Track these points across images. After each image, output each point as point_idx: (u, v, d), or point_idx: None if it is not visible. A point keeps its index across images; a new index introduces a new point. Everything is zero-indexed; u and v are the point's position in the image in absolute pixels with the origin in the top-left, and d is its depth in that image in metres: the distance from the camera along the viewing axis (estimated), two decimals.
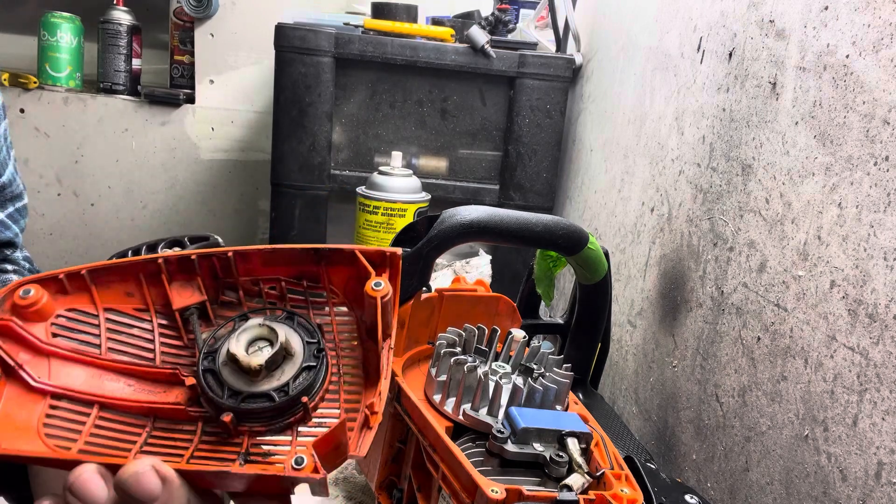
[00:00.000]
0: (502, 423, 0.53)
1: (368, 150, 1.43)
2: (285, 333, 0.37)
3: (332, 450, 0.34)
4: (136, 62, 1.88)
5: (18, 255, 0.73)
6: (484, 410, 0.55)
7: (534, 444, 0.52)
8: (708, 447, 0.81)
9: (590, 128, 1.40)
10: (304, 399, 0.36)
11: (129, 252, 0.45)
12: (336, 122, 1.40)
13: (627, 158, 1.17)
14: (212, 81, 1.83)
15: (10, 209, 0.70)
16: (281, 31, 1.33)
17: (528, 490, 0.47)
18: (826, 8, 0.67)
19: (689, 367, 0.87)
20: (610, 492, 0.49)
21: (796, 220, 0.69)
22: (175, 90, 1.87)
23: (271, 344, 0.36)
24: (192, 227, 1.93)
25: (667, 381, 0.93)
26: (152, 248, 0.45)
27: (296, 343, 0.37)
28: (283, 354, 0.36)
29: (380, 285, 0.37)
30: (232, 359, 0.36)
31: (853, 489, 0.58)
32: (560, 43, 1.53)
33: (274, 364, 0.36)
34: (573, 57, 1.44)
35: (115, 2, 1.84)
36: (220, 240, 0.46)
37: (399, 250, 0.39)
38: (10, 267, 0.70)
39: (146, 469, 0.31)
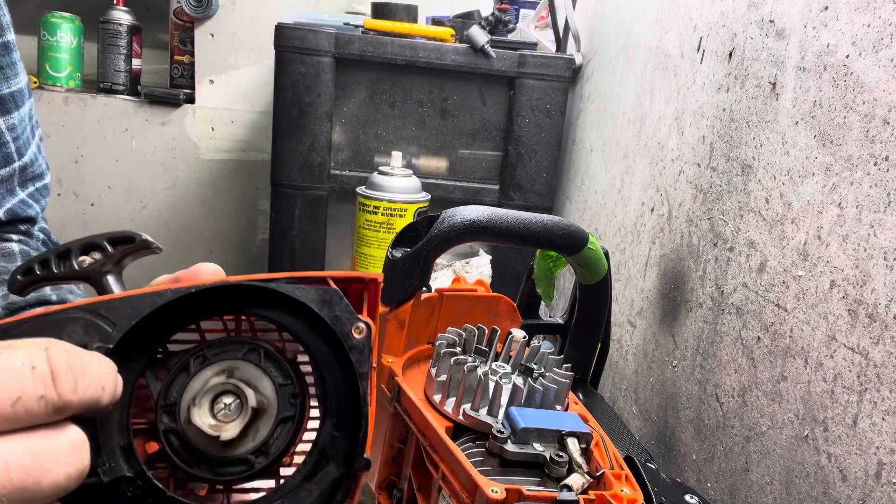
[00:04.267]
0: (502, 423, 0.53)
1: (368, 150, 1.43)
2: (253, 390, 0.31)
3: None
4: (136, 62, 1.88)
5: (34, 227, 0.73)
6: (484, 410, 0.55)
7: (534, 444, 0.52)
8: (708, 447, 0.81)
9: (590, 128, 1.40)
10: (286, 460, 0.32)
11: (36, 265, 0.36)
12: (336, 122, 1.40)
13: (627, 158, 1.17)
14: (212, 81, 1.83)
15: (31, 188, 0.70)
16: (281, 31, 1.33)
17: (528, 490, 0.47)
18: (826, 8, 0.67)
19: (689, 367, 0.87)
20: (610, 492, 0.49)
21: (796, 220, 0.69)
22: (175, 90, 1.87)
23: (238, 398, 0.31)
24: (192, 227, 1.93)
25: (667, 381, 0.93)
26: (63, 255, 0.36)
27: (267, 390, 0.32)
28: (257, 413, 0.31)
29: (361, 330, 0.32)
30: (199, 432, 0.31)
31: (853, 489, 0.58)
32: (560, 43, 1.53)
33: (247, 425, 0.31)
34: (573, 57, 1.44)
35: (115, 2, 1.84)
36: (147, 238, 0.37)
37: (379, 276, 0.34)
38: (15, 237, 0.69)
39: None
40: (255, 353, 0.32)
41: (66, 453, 0.25)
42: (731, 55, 0.84)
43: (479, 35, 1.36)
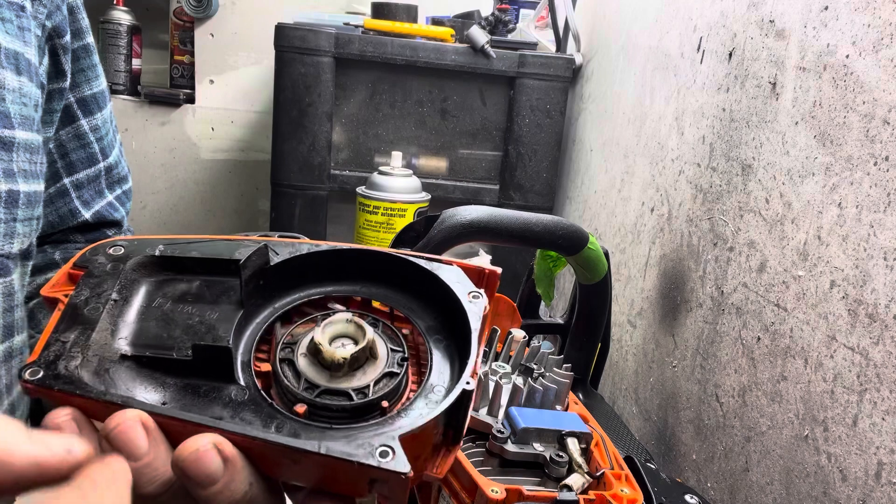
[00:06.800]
0: (502, 423, 0.53)
1: (368, 150, 1.43)
2: (373, 333, 0.35)
3: (415, 453, 0.31)
4: (136, 62, 1.88)
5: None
6: (484, 410, 0.55)
7: (534, 444, 0.52)
8: (708, 447, 0.81)
9: (590, 128, 1.40)
10: (385, 404, 0.33)
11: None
12: (336, 122, 1.40)
13: (627, 158, 1.17)
14: (212, 81, 1.83)
15: (118, 191, 0.71)
16: (281, 31, 1.33)
17: (528, 490, 0.47)
18: (826, 8, 0.67)
19: (689, 367, 0.87)
20: (610, 492, 0.49)
21: (796, 220, 0.69)
22: (175, 90, 1.87)
23: (356, 343, 0.34)
24: (192, 227, 1.93)
25: (667, 381, 0.93)
26: None
27: (381, 347, 0.35)
28: (368, 355, 0.34)
29: (478, 297, 0.36)
30: (314, 350, 0.33)
31: (853, 489, 0.58)
32: (560, 43, 1.53)
33: (357, 362, 0.34)
34: (573, 57, 1.44)
35: (115, 2, 1.84)
36: (306, 240, 0.44)
37: (498, 270, 0.38)
38: None
39: (207, 447, 0.28)
40: (374, 325, 0.36)
41: None
42: (731, 55, 0.84)
43: (479, 35, 1.36)
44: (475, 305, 0.35)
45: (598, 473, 0.51)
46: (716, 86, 0.87)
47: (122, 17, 1.83)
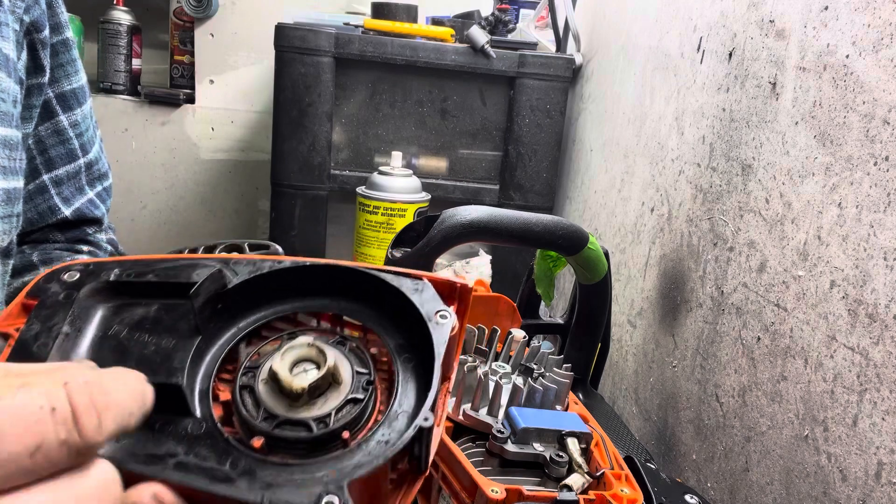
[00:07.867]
0: (502, 423, 0.53)
1: (368, 150, 1.43)
2: (335, 358, 0.33)
3: (370, 492, 0.29)
4: (136, 62, 1.88)
5: (102, 236, 0.72)
6: (484, 410, 0.55)
7: (534, 444, 0.52)
8: (708, 447, 0.81)
9: (590, 128, 1.40)
10: (345, 435, 0.31)
11: (185, 251, 0.41)
12: (336, 122, 1.40)
13: (627, 158, 1.17)
14: (212, 81, 1.83)
15: (98, 188, 0.70)
16: (281, 31, 1.34)
17: (528, 490, 0.47)
18: (826, 8, 0.67)
19: (689, 367, 0.87)
20: (610, 492, 0.49)
21: (796, 220, 0.69)
22: (175, 90, 1.87)
23: (318, 368, 0.33)
24: (192, 227, 1.93)
25: (667, 381, 0.93)
26: (209, 250, 0.41)
27: (345, 371, 0.33)
28: (330, 381, 0.33)
29: (445, 316, 0.34)
30: (273, 377, 0.32)
31: (853, 489, 0.58)
32: (560, 43, 1.53)
33: (318, 390, 0.32)
34: (573, 57, 1.44)
35: (115, 2, 1.84)
36: (279, 248, 0.43)
37: (470, 284, 0.36)
38: (86, 248, 0.69)
39: (146, 499, 0.27)
40: (341, 344, 0.35)
41: (92, 496, 0.23)
42: (731, 55, 0.84)
43: (479, 35, 1.36)
44: (441, 327, 0.33)
45: (598, 473, 0.51)
46: (716, 86, 0.87)
47: (122, 17, 1.83)
